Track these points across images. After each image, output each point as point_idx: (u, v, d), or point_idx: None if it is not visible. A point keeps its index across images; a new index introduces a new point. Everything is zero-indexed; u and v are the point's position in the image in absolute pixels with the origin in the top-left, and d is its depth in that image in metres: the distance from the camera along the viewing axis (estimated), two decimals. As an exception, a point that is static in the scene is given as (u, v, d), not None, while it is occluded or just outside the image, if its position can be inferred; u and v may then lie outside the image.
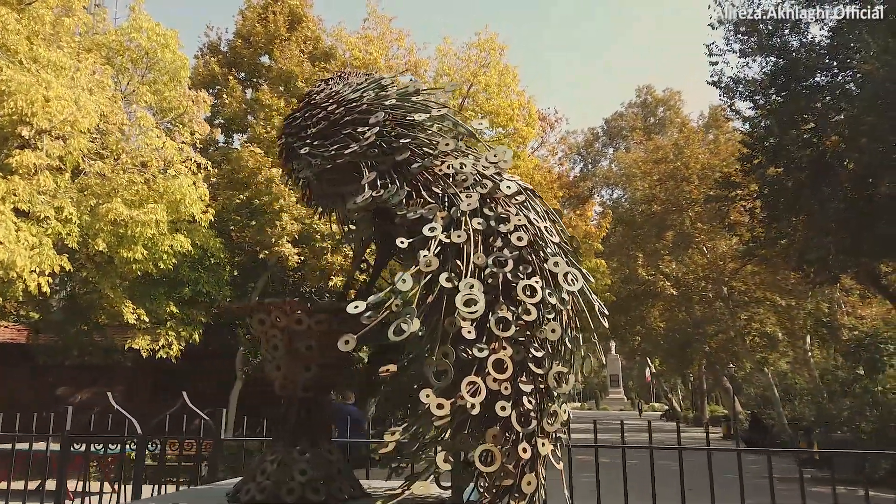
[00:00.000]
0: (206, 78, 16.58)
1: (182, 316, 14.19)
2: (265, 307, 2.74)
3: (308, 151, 2.94)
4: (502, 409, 2.13)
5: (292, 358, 2.70)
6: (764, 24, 12.92)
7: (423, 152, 2.75)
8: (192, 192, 12.03)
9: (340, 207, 3.12)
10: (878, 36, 10.14)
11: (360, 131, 2.81)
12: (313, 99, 3.24)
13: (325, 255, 14.46)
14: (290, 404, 2.75)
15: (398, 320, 2.14)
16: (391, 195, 2.57)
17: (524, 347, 2.25)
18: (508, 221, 2.49)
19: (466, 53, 16.76)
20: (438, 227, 2.39)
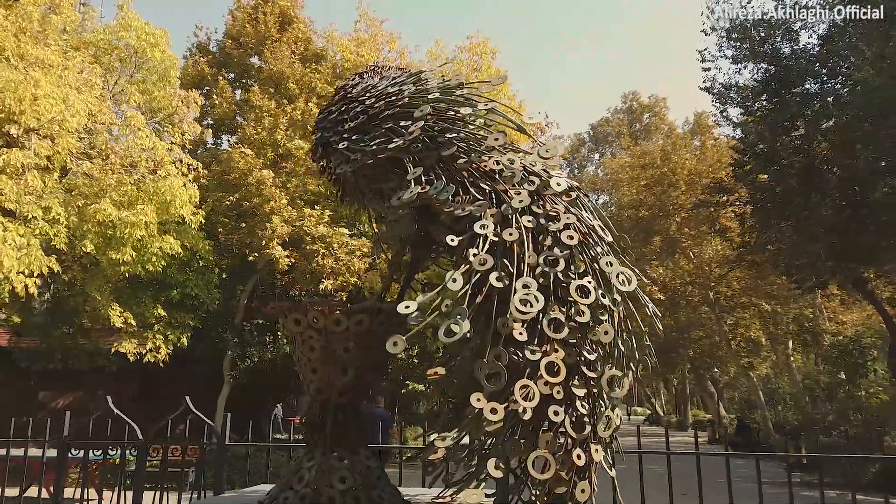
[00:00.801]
0: (194, 78, 16.37)
1: (170, 319, 13.96)
2: (302, 307, 2.64)
3: (346, 146, 2.84)
4: (555, 413, 2.05)
5: (329, 360, 2.60)
6: (756, 30, 13.02)
7: (468, 147, 2.66)
8: (182, 194, 11.85)
9: (378, 204, 3.03)
10: (872, 42, 10.24)
11: (402, 125, 2.72)
12: (349, 93, 3.15)
13: (315, 258, 14.30)
14: (325, 409, 2.64)
15: (448, 321, 2.06)
16: (438, 191, 2.48)
17: (576, 350, 2.18)
18: (558, 219, 2.41)
19: (458, 57, 16.72)
20: (490, 224, 2.31)
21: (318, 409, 2.63)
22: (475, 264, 2.22)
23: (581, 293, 2.24)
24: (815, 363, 29.39)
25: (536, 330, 2.15)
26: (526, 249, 2.28)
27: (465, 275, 2.19)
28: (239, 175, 13.80)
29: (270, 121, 14.63)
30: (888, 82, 9.14)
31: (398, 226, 2.83)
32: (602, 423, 2.17)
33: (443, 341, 2.02)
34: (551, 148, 2.68)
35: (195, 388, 16.96)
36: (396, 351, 2.07)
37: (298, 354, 2.71)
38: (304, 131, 15.54)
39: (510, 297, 2.13)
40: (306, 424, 2.64)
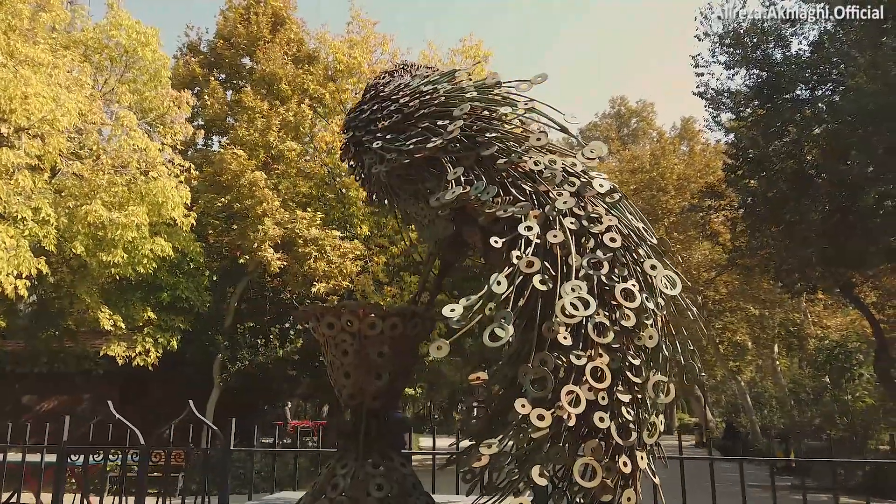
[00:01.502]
0: (185, 78, 16.22)
1: (160, 322, 13.78)
2: (336, 310, 2.58)
3: (381, 146, 2.78)
4: (601, 420, 2.00)
5: (363, 365, 2.54)
6: (748, 37, 13.12)
7: (507, 147, 2.61)
8: (174, 195, 11.70)
9: (411, 205, 2.96)
10: (865, 50, 10.35)
11: (440, 125, 2.66)
12: (381, 91, 3.09)
13: (307, 261, 14.18)
14: (357, 414, 2.58)
15: (493, 325, 2.01)
16: (480, 192, 2.43)
17: (620, 355, 2.14)
18: (600, 221, 2.37)
19: (451, 59, 16.69)
20: (535, 226, 2.26)
21: (350, 414, 2.56)
22: (521, 266, 2.16)
23: (626, 297, 2.19)
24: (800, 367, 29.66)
25: (580, 334, 2.11)
26: (570, 252, 2.23)
27: (508, 277, 2.14)
28: (231, 176, 13.67)
29: (263, 122, 14.51)
30: (881, 89, 9.23)
31: (434, 227, 2.76)
32: (646, 429, 2.13)
33: (488, 345, 1.97)
34: (595, 149, 2.63)
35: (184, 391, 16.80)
36: (440, 355, 2.02)
37: (330, 358, 2.65)
38: (296, 133, 15.44)
39: (555, 301, 2.08)
40: (338, 430, 2.58)
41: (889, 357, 18.24)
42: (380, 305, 2.57)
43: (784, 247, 14.47)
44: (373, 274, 15.04)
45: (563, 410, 1.94)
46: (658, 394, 2.16)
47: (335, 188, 16.63)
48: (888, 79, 8.96)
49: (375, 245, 15.65)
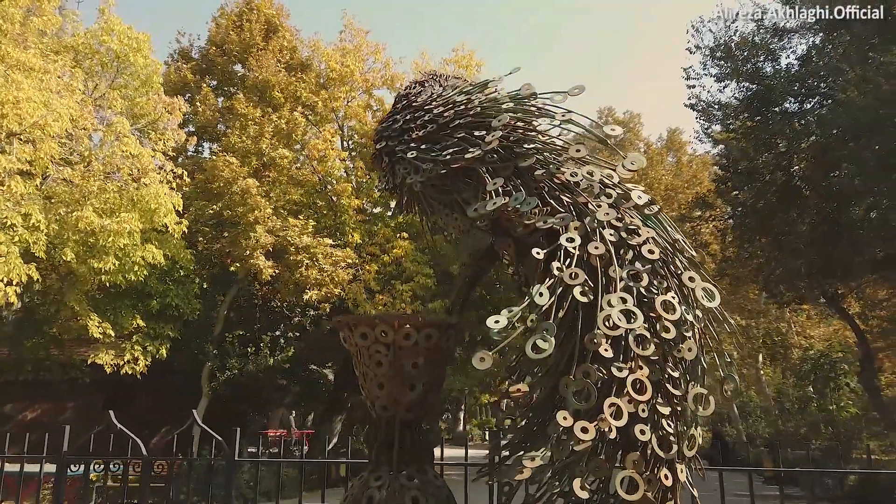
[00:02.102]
0: (177, 84, 16.12)
1: (149, 330, 13.63)
2: (370, 321, 2.56)
3: (416, 156, 2.78)
4: (641, 432, 2.00)
5: (397, 376, 2.52)
6: (739, 50, 13.30)
7: (545, 159, 2.62)
8: (167, 202, 11.62)
9: (445, 215, 2.95)
10: (854, 64, 10.53)
11: (477, 135, 2.66)
12: (414, 101, 3.08)
13: (299, 269, 14.10)
14: (390, 425, 2.55)
15: (535, 337, 2.00)
16: (520, 202, 2.43)
17: (659, 367, 2.14)
18: (638, 233, 2.38)
19: (443, 69, 16.74)
20: (577, 237, 2.27)
21: (383, 426, 2.54)
22: (565, 278, 2.17)
23: (666, 308, 2.20)
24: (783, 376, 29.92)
25: (620, 346, 2.11)
26: (612, 263, 2.24)
27: (550, 288, 2.14)
28: (223, 184, 13.58)
29: (255, 129, 14.45)
30: (872, 103, 9.39)
31: (470, 237, 2.75)
32: (686, 441, 2.13)
33: (531, 357, 1.97)
34: (636, 160, 2.64)
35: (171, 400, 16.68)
36: (483, 367, 2.01)
37: (363, 369, 2.63)
38: (288, 140, 15.40)
39: (595, 312, 2.09)
40: (371, 442, 2.56)
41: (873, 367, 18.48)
42: (415, 316, 2.56)
43: (773, 257, 14.64)
44: (364, 282, 14.98)
45: (606, 423, 1.94)
46: (701, 406, 2.17)
47: (326, 196, 16.59)
48: (879, 93, 9.13)
49: (367, 253, 15.60)
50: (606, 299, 2.13)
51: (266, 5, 16.96)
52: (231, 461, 4.78)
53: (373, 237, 16.09)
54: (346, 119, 17.21)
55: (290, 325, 17.07)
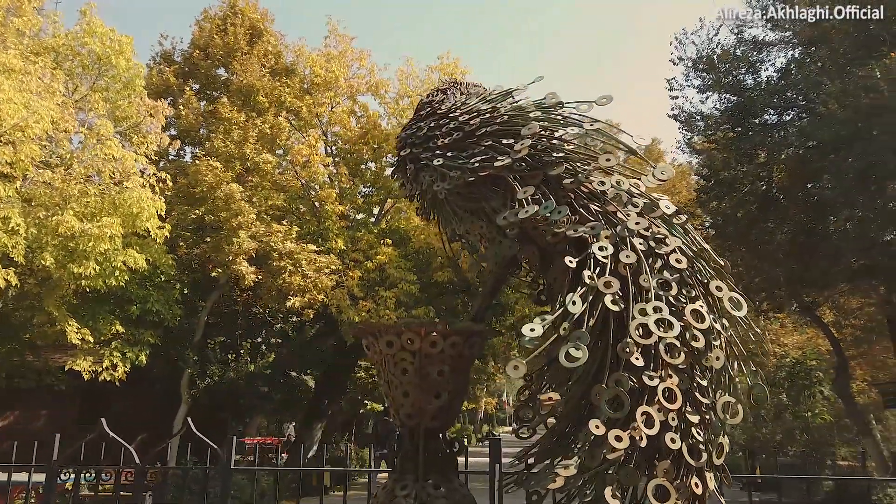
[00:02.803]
0: (159, 87, 15.94)
1: (128, 336, 13.41)
2: (396, 328, 2.55)
3: (443, 163, 2.77)
4: (672, 441, 2.02)
5: (423, 384, 2.51)
6: (721, 62, 13.52)
7: (573, 167, 2.64)
8: (150, 206, 11.46)
9: (470, 223, 2.95)
10: (834, 77, 10.76)
11: (505, 143, 2.67)
12: (438, 108, 3.08)
13: (282, 275, 13.99)
14: (415, 434, 2.54)
15: (568, 345, 2.01)
16: (550, 211, 2.44)
17: (687, 375, 2.16)
18: (665, 243, 2.40)
19: (428, 76, 16.80)
20: (609, 246, 2.29)
21: (408, 434, 2.53)
22: (600, 286, 2.18)
23: (696, 317, 2.22)
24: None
25: (651, 355, 2.13)
26: (643, 272, 2.26)
27: (582, 297, 2.15)
28: (206, 188, 13.44)
29: (239, 133, 14.34)
30: (853, 116, 9.60)
31: (498, 247, 2.75)
32: (716, 450, 2.15)
33: (566, 366, 1.97)
34: (666, 170, 2.67)
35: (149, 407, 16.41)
36: (517, 375, 2.01)
37: (388, 377, 2.61)
38: (272, 145, 15.31)
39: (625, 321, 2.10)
40: (396, 450, 2.54)
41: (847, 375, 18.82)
42: (441, 324, 2.55)
43: (752, 266, 14.85)
44: (348, 288, 14.91)
45: (638, 431, 1.95)
46: (729, 415, 2.19)
47: (309, 201, 16.50)
48: (859, 106, 9.33)
49: (350, 260, 15.53)
50: (638, 308, 2.15)
51: (251, 10, 16.88)
52: (226, 470, 4.72)
53: (356, 243, 16.03)
54: (330, 125, 17.16)
55: (271, 331, 16.92)
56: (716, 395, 2.22)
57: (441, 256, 15.76)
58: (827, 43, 12.69)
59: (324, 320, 15.99)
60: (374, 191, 17.94)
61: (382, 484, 2.59)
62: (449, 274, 15.49)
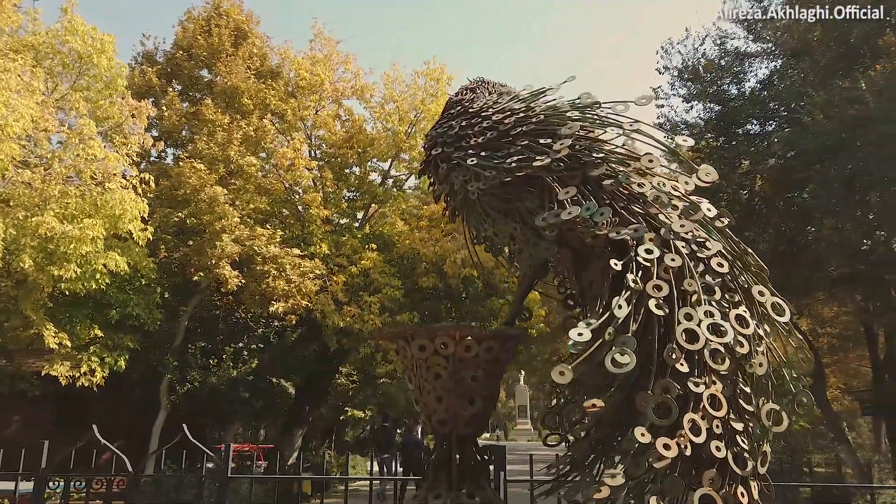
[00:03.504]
0: (141, 88, 15.67)
1: (107, 340, 13.11)
2: (429, 331, 2.47)
3: (477, 163, 2.71)
4: (717, 449, 1.98)
5: (457, 389, 2.44)
6: (706, 72, 13.67)
7: (613, 168, 2.59)
8: (133, 208, 11.24)
9: (503, 224, 2.88)
10: (818, 88, 10.93)
11: (542, 143, 2.62)
12: (469, 107, 3.02)
13: (266, 280, 13.81)
14: (447, 440, 2.46)
15: (613, 351, 1.96)
16: (592, 213, 2.38)
17: (731, 382, 2.13)
18: (706, 246, 2.37)
19: (414, 81, 16.75)
20: (655, 249, 2.24)
21: (440, 441, 2.45)
22: (649, 290, 2.13)
23: (740, 323, 2.18)
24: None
25: (695, 360, 2.09)
26: (687, 276, 2.22)
27: (628, 300, 2.11)
28: (190, 191, 13.23)
29: (223, 136, 14.15)
30: (838, 127, 9.75)
31: (535, 248, 2.68)
32: (760, 458, 2.11)
33: (613, 371, 1.93)
34: (711, 172, 2.64)
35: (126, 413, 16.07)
36: (563, 381, 1.96)
37: (421, 382, 2.53)
38: (256, 148, 15.14)
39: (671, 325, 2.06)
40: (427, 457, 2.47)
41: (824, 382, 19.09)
42: (475, 328, 2.49)
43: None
44: (332, 293, 14.76)
45: (685, 439, 1.90)
46: (774, 422, 2.15)
47: (293, 205, 16.35)
48: (845, 117, 9.48)
49: (334, 264, 15.39)
50: (683, 312, 2.11)
51: (236, 11, 16.70)
52: (224, 478, 4.60)
53: (340, 248, 15.90)
54: (314, 128, 17.03)
55: (253, 336, 16.68)
56: (759, 402, 2.18)
57: (426, 262, 15.69)
58: (809, 55, 12.91)
59: (306, 326, 15.80)
60: (358, 195, 17.82)
61: (413, 493, 2.53)
62: (434, 279, 15.42)
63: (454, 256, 15.10)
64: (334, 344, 14.88)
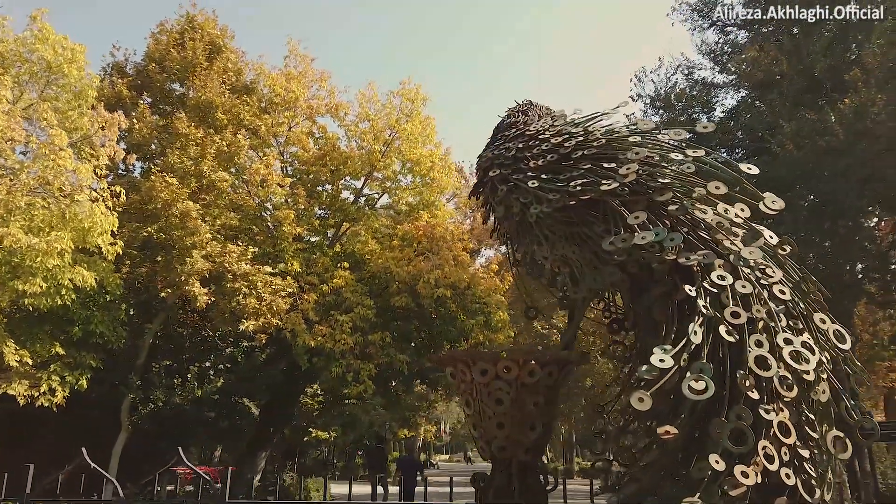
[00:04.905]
0: (110, 99, 15.31)
1: (69, 358, 12.62)
2: (492, 355, 2.43)
3: (539, 185, 2.69)
4: (787, 476, 1.98)
5: (519, 415, 2.40)
6: (677, 100, 14.05)
7: (679, 194, 2.60)
8: (103, 222, 10.93)
9: (563, 247, 2.85)
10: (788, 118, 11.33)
11: (606, 167, 2.63)
12: (525, 130, 3.01)
13: (236, 297, 13.53)
14: (507, 467, 2.41)
15: (691, 377, 1.96)
16: (663, 238, 2.39)
17: (796, 409, 2.14)
18: (767, 273, 2.39)
19: (389, 101, 16.77)
20: (727, 276, 2.25)
21: (499, 468, 2.40)
22: (726, 317, 2.14)
23: (807, 350, 2.20)
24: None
25: (763, 387, 2.09)
26: (755, 303, 2.24)
27: (702, 327, 2.11)
28: (161, 205, 12.93)
29: (196, 150, 13.90)
30: (807, 156, 10.10)
31: (597, 272, 2.66)
32: (826, 485, 2.11)
33: (691, 398, 1.92)
34: (776, 200, 2.68)
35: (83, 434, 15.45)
36: (643, 408, 1.94)
37: (480, 407, 2.48)
38: (229, 163, 14.91)
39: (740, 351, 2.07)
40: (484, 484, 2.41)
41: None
42: (538, 352, 2.46)
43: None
44: (303, 312, 14.53)
45: (759, 466, 1.90)
46: (839, 449, 2.16)
47: (264, 222, 16.11)
48: (815, 147, 9.82)
49: (305, 283, 15.17)
50: (755, 339, 2.12)
51: (210, 25, 16.51)
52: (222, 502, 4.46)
53: (311, 266, 15.71)
54: (287, 145, 16.89)
55: (220, 355, 16.28)
56: (822, 429, 2.20)
57: (398, 281, 15.60)
58: (776, 87, 13.39)
59: (276, 345, 15.51)
60: (329, 213, 17.68)
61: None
62: (407, 299, 15.33)
63: (428, 276, 15.05)
64: (305, 363, 14.62)
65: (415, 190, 17.25)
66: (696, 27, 15.97)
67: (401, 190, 17.27)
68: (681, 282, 2.34)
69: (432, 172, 16.83)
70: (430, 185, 17.10)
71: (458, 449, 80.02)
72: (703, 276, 2.31)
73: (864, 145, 9.69)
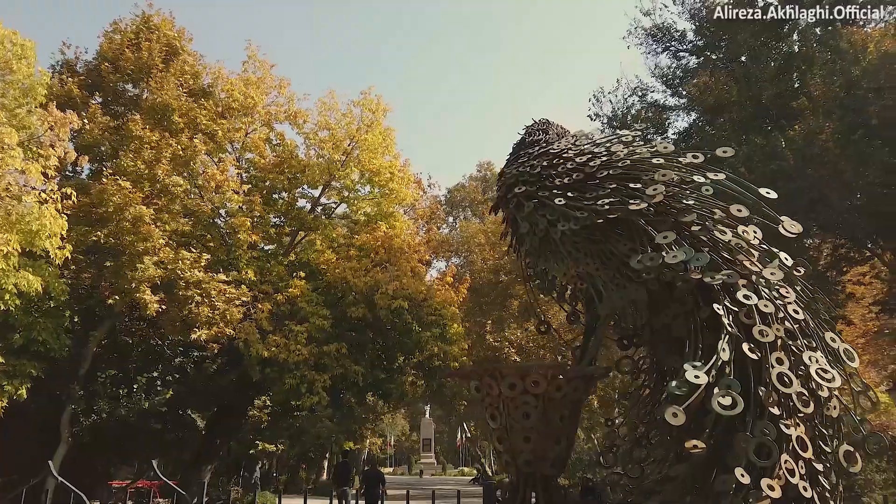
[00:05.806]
0: (60, 98, 14.74)
1: (8, 367, 12.02)
2: (520, 369, 2.44)
3: (566, 203, 2.73)
4: (804, 489, 2.07)
5: (546, 429, 2.41)
6: (634, 120, 14.45)
7: (703, 215, 2.68)
8: (52, 224, 10.50)
9: (585, 263, 2.89)
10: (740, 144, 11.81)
11: (632, 187, 2.68)
12: (549, 148, 3.04)
13: (188, 306, 13.18)
14: (531, 482, 2.42)
15: (719, 393, 2.02)
16: (691, 258, 2.45)
17: (811, 424, 2.23)
18: (781, 294, 2.48)
19: (350, 111, 16.69)
20: (752, 295, 2.33)
21: (522, 483, 2.41)
22: (756, 335, 2.21)
23: (822, 369, 2.30)
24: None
25: (782, 403, 2.18)
26: (774, 322, 2.32)
27: (729, 344, 2.18)
28: (112, 209, 12.51)
29: (151, 153, 13.53)
30: (759, 179, 10.54)
31: (622, 290, 2.71)
32: (838, 497, 2.21)
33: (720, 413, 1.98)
34: (793, 226, 2.78)
35: (21, 446, 14.70)
36: (677, 423, 2.00)
37: (506, 422, 2.48)
38: (185, 167, 14.55)
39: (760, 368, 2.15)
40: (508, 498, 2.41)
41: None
42: (564, 366, 2.49)
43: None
44: (257, 322, 14.25)
45: (781, 479, 1.98)
46: (850, 463, 2.26)
47: (218, 229, 15.76)
48: (766, 171, 10.26)
49: (260, 292, 14.89)
50: (775, 357, 2.21)
51: (167, 26, 16.14)
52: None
53: (266, 275, 15.44)
54: (243, 150, 16.61)
55: (169, 365, 15.77)
56: (834, 444, 2.31)
57: (355, 292, 15.46)
58: (726, 112, 13.92)
59: (227, 355, 15.13)
60: (285, 221, 17.44)
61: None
62: (363, 310, 15.21)
63: (385, 287, 14.98)
64: (257, 374, 14.32)
65: (373, 200, 17.19)
66: (651, 51, 16.50)
67: (359, 200, 17.18)
68: (702, 300, 2.43)
69: (391, 183, 16.82)
70: (389, 195, 17.08)
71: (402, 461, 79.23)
72: (724, 295, 2.40)
73: (811, 170, 10.21)
